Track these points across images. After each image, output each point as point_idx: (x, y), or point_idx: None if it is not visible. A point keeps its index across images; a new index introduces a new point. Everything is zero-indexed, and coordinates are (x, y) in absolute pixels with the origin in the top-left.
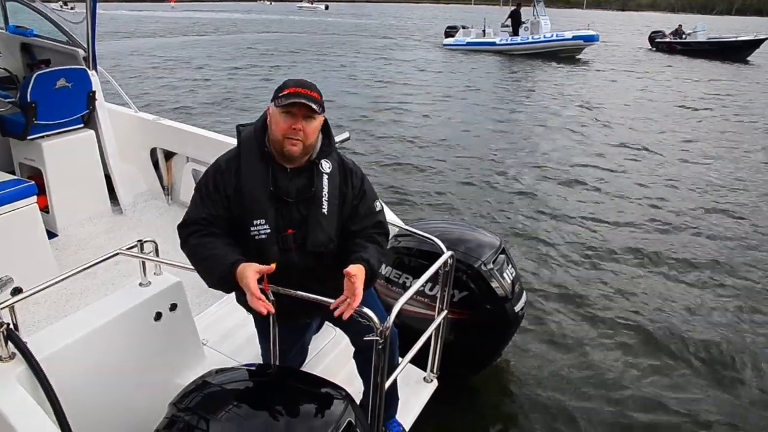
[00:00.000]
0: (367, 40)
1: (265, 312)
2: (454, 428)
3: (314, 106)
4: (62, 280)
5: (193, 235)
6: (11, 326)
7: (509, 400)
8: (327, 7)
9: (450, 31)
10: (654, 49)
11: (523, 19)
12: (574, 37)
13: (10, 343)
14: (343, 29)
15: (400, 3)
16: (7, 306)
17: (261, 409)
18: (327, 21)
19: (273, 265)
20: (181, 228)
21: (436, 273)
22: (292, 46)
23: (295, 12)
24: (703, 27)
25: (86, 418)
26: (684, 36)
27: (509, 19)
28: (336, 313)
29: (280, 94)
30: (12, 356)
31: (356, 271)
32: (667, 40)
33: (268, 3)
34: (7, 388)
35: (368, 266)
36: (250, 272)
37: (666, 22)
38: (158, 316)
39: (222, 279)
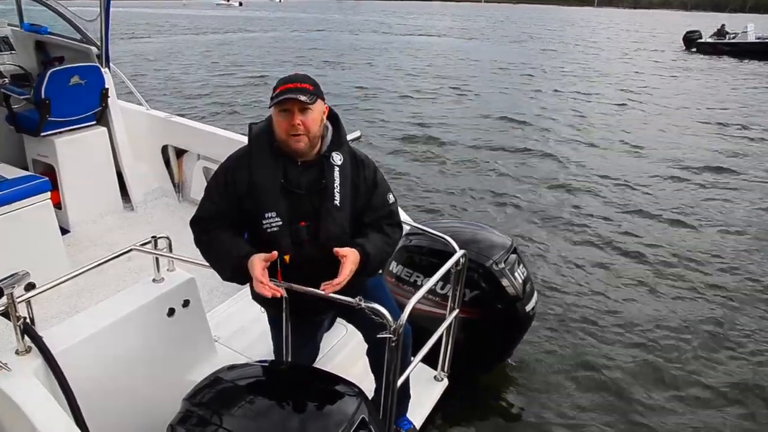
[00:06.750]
0: None
1: (269, 295)
2: (464, 427)
3: (304, 98)
4: (76, 275)
5: (205, 231)
6: (28, 320)
7: (519, 399)
8: (241, 4)
9: None
10: (695, 50)
11: None
12: None
13: (26, 337)
14: None
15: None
16: (24, 300)
17: (274, 405)
18: None
19: (275, 253)
20: (193, 224)
21: (448, 272)
22: None
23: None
24: (752, 27)
25: (100, 411)
26: (730, 36)
27: None
28: (325, 290)
29: (273, 95)
30: (28, 350)
31: (346, 252)
32: (711, 41)
33: (278, 1)
34: (24, 381)
35: (363, 251)
36: (256, 260)
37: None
38: (171, 312)
39: (235, 272)
